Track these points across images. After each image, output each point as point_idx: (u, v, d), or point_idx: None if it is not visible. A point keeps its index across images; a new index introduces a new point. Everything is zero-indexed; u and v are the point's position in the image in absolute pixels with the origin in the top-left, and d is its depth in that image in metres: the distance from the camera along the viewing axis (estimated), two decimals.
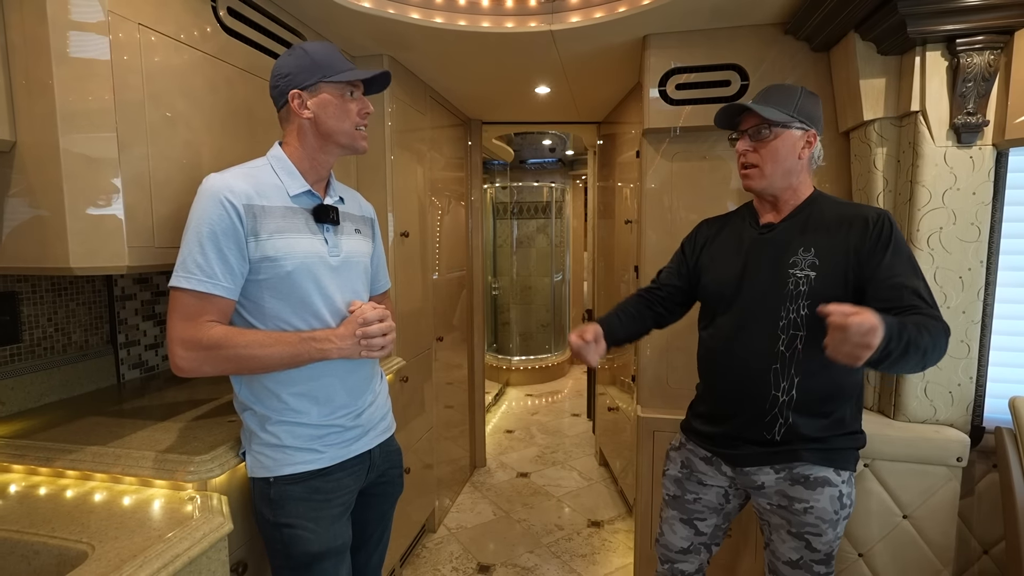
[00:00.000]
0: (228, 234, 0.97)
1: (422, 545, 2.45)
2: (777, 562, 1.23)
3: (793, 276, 1.15)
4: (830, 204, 1.21)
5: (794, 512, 1.18)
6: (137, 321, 1.62)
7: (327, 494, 1.09)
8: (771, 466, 1.19)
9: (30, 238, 1.04)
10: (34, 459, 1.09)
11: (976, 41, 1.36)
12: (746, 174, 1.22)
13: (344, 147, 1.11)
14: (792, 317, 1.15)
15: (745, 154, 1.20)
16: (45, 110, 0.99)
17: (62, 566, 0.85)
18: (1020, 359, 1.52)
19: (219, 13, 1.33)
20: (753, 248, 1.23)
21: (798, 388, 1.15)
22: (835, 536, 1.18)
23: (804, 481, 1.16)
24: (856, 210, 1.17)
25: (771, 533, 1.25)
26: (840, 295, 1.08)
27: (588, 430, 3.89)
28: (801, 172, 1.20)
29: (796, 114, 1.16)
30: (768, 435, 1.17)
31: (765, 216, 1.26)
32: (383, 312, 1.09)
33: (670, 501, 1.39)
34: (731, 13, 1.67)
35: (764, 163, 1.18)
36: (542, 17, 1.77)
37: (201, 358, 0.97)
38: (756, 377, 1.18)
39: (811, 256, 1.14)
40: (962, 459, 1.44)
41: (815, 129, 1.19)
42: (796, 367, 1.14)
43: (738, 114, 1.21)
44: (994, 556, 1.57)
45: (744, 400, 1.21)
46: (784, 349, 1.15)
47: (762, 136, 1.17)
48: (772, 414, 1.17)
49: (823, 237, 1.15)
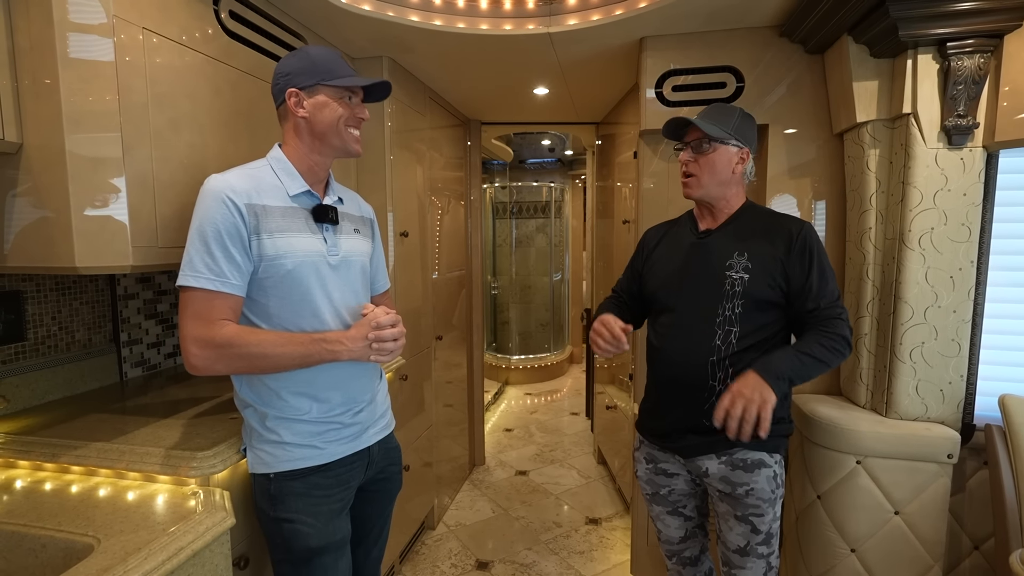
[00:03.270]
0: (232, 232, 0.99)
1: (421, 542, 2.47)
2: (728, 552, 1.32)
3: (729, 277, 1.27)
4: (759, 214, 1.35)
5: (737, 497, 1.28)
6: (139, 320, 1.64)
7: (326, 490, 1.11)
8: (714, 453, 1.29)
9: (36, 238, 1.06)
10: (40, 455, 1.11)
11: (966, 45, 1.38)
12: (686, 183, 1.35)
13: (337, 149, 1.13)
14: (728, 314, 1.26)
15: (687, 164, 1.33)
16: (51, 112, 1.01)
17: (69, 559, 0.87)
18: (1010, 357, 1.54)
19: (221, 16, 1.34)
20: (693, 251, 1.35)
21: (732, 378, 1.24)
22: (774, 516, 1.30)
23: (743, 465, 1.27)
24: (781, 223, 1.31)
25: (720, 524, 1.34)
26: (768, 295, 1.25)
27: (587, 429, 3.91)
28: (734, 184, 1.34)
29: (733, 132, 1.29)
30: (707, 422, 1.25)
31: (703, 223, 1.38)
32: (395, 317, 1.10)
33: (650, 499, 1.46)
34: (727, 16, 1.69)
35: (702, 173, 1.31)
36: (540, 19, 1.79)
37: (214, 356, 0.98)
38: (696, 369, 1.28)
39: (744, 260, 1.28)
40: (953, 456, 1.46)
41: (748, 148, 1.32)
42: (731, 359, 1.26)
43: (683, 127, 1.33)
44: (984, 552, 1.59)
45: (685, 390, 1.30)
46: (720, 343, 1.27)
47: (703, 149, 1.30)
48: (710, 402, 1.26)
49: (755, 244, 1.29)
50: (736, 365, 1.25)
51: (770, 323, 1.27)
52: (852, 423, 1.53)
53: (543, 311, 5.53)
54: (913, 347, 1.52)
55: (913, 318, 1.51)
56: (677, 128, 1.34)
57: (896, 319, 1.53)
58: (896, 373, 1.54)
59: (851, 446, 1.52)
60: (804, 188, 1.80)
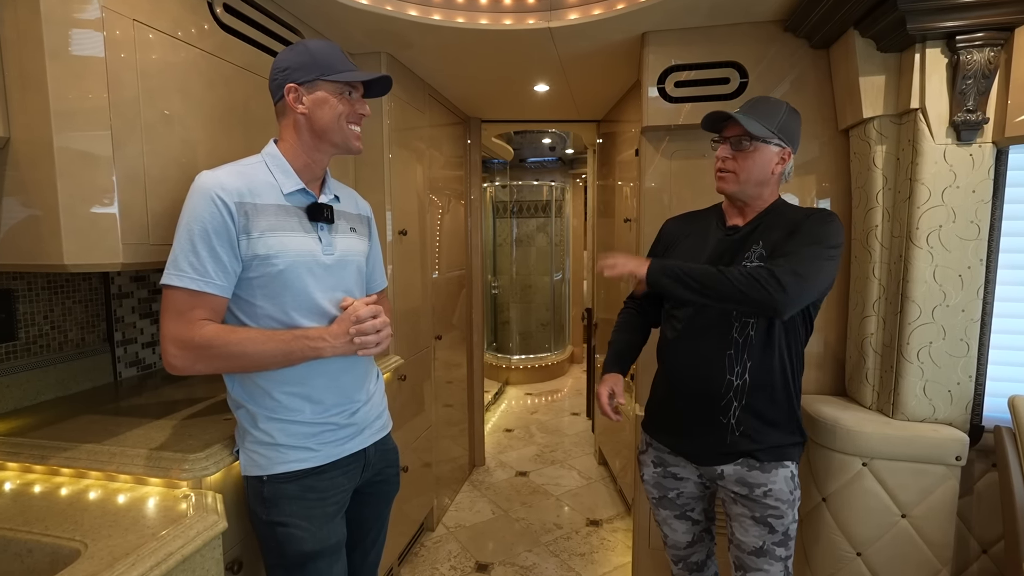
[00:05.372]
0: (220, 232, 0.97)
1: (420, 544, 2.44)
2: (742, 554, 1.28)
3: (746, 267, 1.21)
4: (788, 210, 1.29)
5: (755, 498, 1.24)
6: (134, 319, 1.62)
7: (321, 493, 1.08)
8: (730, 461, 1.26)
9: (24, 235, 1.04)
10: (29, 456, 1.09)
11: (976, 38, 1.35)
12: (722, 177, 1.28)
13: (337, 146, 1.10)
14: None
15: (724, 160, 1.27)
16: (39, 107, 0.99)
17: (55, 564, 0.84)
18: (1020, 358, 1.51)
19: (216, 10, 1.32)
20: (718, 249, 1.30)
21: (751, 372, 1.22)
22: (793, 518, 1.25)
23: (760, 467, 1.23)
24: (801, 212, 1.26)
25: (733, 525, 1.30)
26: None
27: (587, 429, 3.89)
28: (771, 184, 1.28)
29: (777, 131, 1.22)
30: (724, 419, 1.23)
31: (732, 219, 1.33)
32: (375, 308, 1.07)
33: (657, 503, 1.42)
34: (730, 10, 1.66)
35: (740, 171, 1.24)
36: (540, 14, 1.77)
37: (194, 356, 0.96)
38: (714, 363, 1.25)
39: (759, 248, 1.23)
40: (961, 458, 1.44)
41: (791, 148, 1.25)
42: (749, 352, 1.22)
43: (723, 120, 1.26)
44: (993, 555, 1.56)
45: (701, 384, 1.27)
46: (738, 336, 1.23)
47: (743, 147, 1.23)
48: (727, 398, 1.23)
49: (774, 234, 1.23)
50: (754, 359, 1.21)
51: None
52: (858, 424, 1.51)
53: (544, 311, 5.51)
54: (921, 347, 1.49)
55: (921, 317, 1.48)
56: (717, 121, 1.26)
57: (903, 318, 1.50)
58: (903, 373, 1.51)
59: (857, 448, 1.49)
60: (809, 186, 1.77)
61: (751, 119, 1.21)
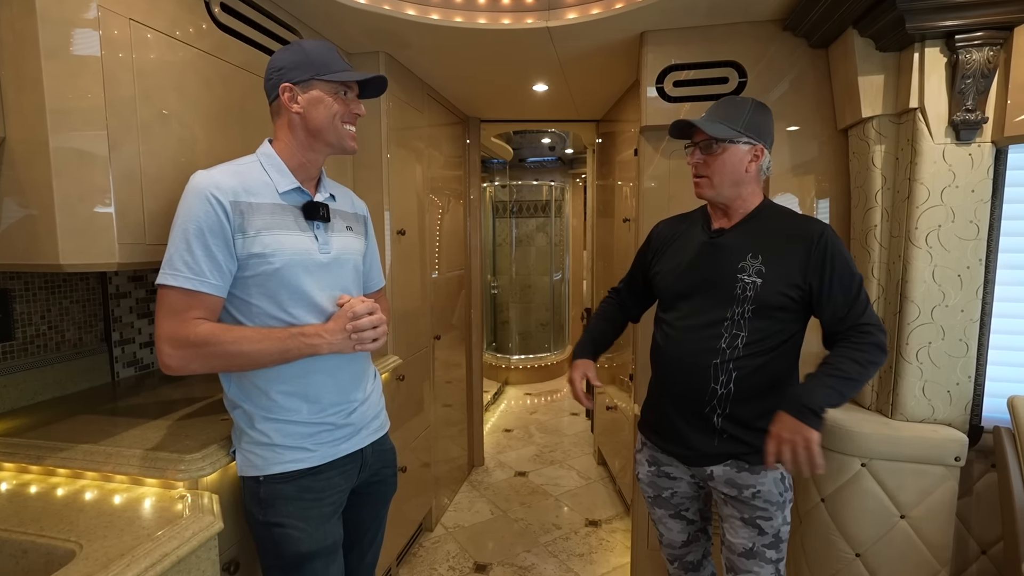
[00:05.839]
0: (215, 231, 0.97)
1: (419, 544, 2.44)
2: (733, 556, 1.28)
3: (741, 281, 1.22)
4: (777, 214, 1.29)
5: (744, 500, 1.25)
6: (132, 319, 1.62)
7: (318, 493, 1.08)
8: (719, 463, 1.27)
9: (20, 234, 1.04)
10: (25, 457, 1.08)
11: (975, 37, 1.35)
12: (697, 183, 1.29)
13: (332, 146, 1.10)
14: (736, 318, 1.22)
15: (696, 166, 1.28)
16: (34, 106, 0.99)
17: (50, 565, 0.84)
18: (1019, 358, 1.51)
19: (213, 9, 1.32)
20: (704, 251, 1.30)
21: (735, 383, 1.22)
22: (783, 520, 1.25)
23: (749, 468, 1.24)
24: (800, 225, 1.24)
25: (724, 527, 1.31)
26: (781, 301, 1.20)
27: (587, 429, 3.89)
28: (749, 183, 1.27)
29: (744, 129, 1.22)
30: (708, 424, 1.25)
31: (717, 221, 1.33)
32: (372, 305, 1.07)
33: (652, 502, 1.43)
34: (729, 9, 1.66)
35: (713, 174, 1.25)
36: (539, 14, 1.76)
37: (189, 356, 0.96)
38: (699, 371, 1.25)
39: (758, 263, 1.22)
40: (960, 459, 1.43)
41: (763, 143, 1.25)
42: (735, 363, 1.22)
43: (690, 127, 1.26)
44: (992, 556, 1.56)
45: (687, 392, 1.27)
46: (725, 347, 1.23)
47: (711, 150, 1.24)
48: (711, 405, 1.24)
49: (770, 249, 1.23)
50: (740, 370, 1.22)
51: (779, 330, 1.22)
52: (857, 425, 1.50)
53: (543, 311, 5.51)
54: (920, 347, 1.49)
55: (920, 317, 1.48)
56: (684, 128, 1.28)
57: (902, 319, 1.50)
58: (902, 374, 1.51)
59: (856, 448, 1.48)
60: (807, 186, 1.77)
61: (713, 122, 1.23)
